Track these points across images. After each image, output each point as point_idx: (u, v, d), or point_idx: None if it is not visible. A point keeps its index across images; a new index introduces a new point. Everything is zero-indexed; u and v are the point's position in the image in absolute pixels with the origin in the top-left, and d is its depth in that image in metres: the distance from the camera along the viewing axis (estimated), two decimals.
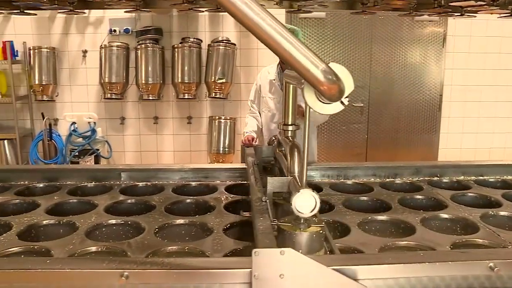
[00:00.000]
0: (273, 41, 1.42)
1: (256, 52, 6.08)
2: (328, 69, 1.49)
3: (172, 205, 2.54)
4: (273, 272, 1.53)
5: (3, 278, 1.63)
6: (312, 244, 1.72)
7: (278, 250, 1.54)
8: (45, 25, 6.09)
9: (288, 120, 2.38)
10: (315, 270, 1.53)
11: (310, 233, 1.72)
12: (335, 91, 1.53)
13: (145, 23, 5.98)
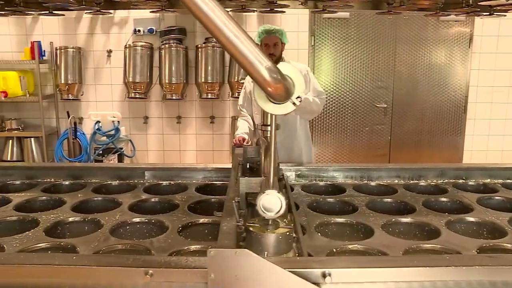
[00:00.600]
0: (222, 36, 1.38)
1: None
2: (274, 68, 1.44)
3: (195, 204, 2.56)
4: (229, 273, 1.53)
5: (31, 273, 1.67)
6: (280, 246, 1.71)
7: (233, 250, 1.54)
8: (71, 26, 6.18)
9: (266, 121, 2.32)
10: (270, 271, 1.51)
11: (277, 234, 1.70)
12: (281, 91, 1.48)
13: (169, 23, 6.02)
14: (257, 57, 1.41)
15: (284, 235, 1.71)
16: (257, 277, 1.52)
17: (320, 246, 2.02)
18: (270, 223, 1.74)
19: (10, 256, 1.85)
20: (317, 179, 3.04)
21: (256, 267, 1.52)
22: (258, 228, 1.74)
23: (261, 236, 1.70)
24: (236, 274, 1.52)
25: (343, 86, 6.29)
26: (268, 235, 1.70)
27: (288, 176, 3.03)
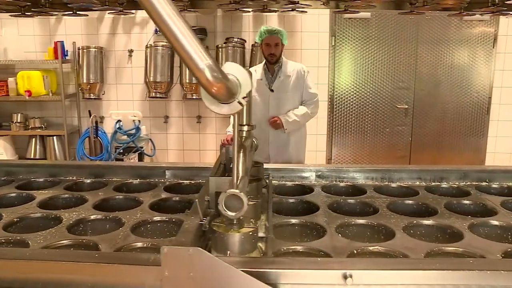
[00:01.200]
0: (167, 30, 1.32)
1: (300, 53, 6.06)
2: (215, 67, 1.39)
3: None
4: (183, 271, 1.52)
5: (55, 269, 1.69)
6: (243, 246, 1.73)
7: (187, 249, 1.53)
8: (93, 26, 6.25)
9: (242, 120, 2.35)
10: (223, 271, 1.51)
11: (239, 234, 1.73)
12: (222, 90, 1.42)
13: (189, 23, 6.03)
14: (198, 54, 1.36)
15: (246, 235, 1.74)
16: (210, 275, 1.52)
17: (341, 247, 2.01)
18: (235, 223, 1.76)
19: (34, 252, 1.87)
20: (337, 180, 3.02)
21: (209, 266, 1.52)
22: (222, 228, 1.77)
23: (224, 235, 1.73)
24: (190, 272, 1.52)
25: (363, 86, 6.25)
26: (231, 234, 1.73)
27: (308, 177, 3.02)
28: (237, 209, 1.67)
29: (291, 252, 2.00)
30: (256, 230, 1.79)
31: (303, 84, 4.24)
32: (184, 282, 1.53)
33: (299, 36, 6.05)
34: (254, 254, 1.78)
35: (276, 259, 1.81)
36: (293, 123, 4.17)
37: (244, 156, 1.97)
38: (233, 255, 1.71)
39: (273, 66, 4.24)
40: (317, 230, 2.25)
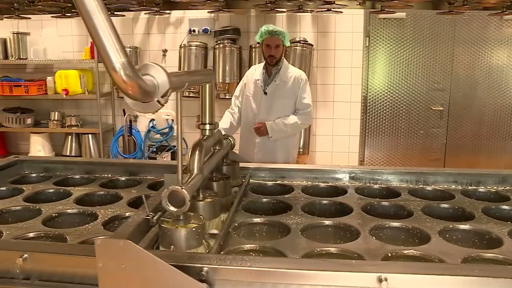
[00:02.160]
0: (89, 22, 1.35)
1: (333, 53, 6.03)
2: (128, 66, 1.38)
3: (249, 204, 2.57)
4: (115, 262, 1.56)
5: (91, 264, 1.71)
6: (187, 241, 1.77)
7: (119, 241, 1.56)
8: (129, 26, 6.35)
9: (205, 119, 2.38)
10: (152, 263, 1.54)
11: (182, 229, 1.77)
12: (135, 89, 1.42)
13: (223, 23, 6.09)
14: (114, 52, 1.36)
15: (190, 231, 1.78)
16: (140, 268, 1.55)
17: (375, 250, 1.98)
18: (181, 219, 1.82)
19: (72, 247, 1.91)
20: (371, 182, 2.99)
21: (138, 258, 1.55)
22: (168, 223, 1.82)
23: (168, 230, 1.78)
24: (122, 264, 1.56)
25: (397, 88, 6.16)
26: (174, 230, 1.78)
27: (342, 178, 3.00)
28: (180, 205, 1.72)
29: (324, 253, 1.98)
30: (200, 226, 1.82)
31: (298, 92, 4.08)
32: (116, 273, 1.56)
33: (333, 36, 6.01)
34: (199, 249, 1.82)
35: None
36: (279, 131, 4.05)
37: (199, 154, 2.04)
38: (177, 250, 1.76)
39: (271, 68, 4.11)
40: (351, 232, 2.23)
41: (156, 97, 1.52)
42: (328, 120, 6.18)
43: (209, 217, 2.10)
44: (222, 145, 2.61)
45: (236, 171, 2.77)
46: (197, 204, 2.09)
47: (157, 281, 1.54)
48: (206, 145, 2.24)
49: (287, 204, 2.56)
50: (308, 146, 6.04)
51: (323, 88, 6.10)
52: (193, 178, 1.93)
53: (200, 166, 2.03)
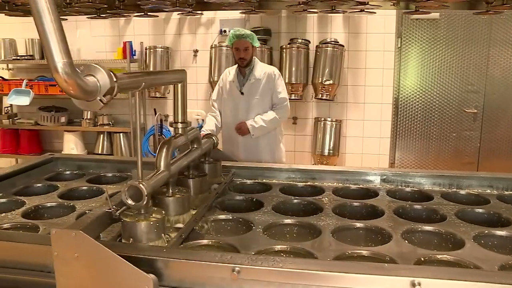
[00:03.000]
0: (38, 21, 1.40)
1: (365, 54, 5.97)
2: (69, 66, 1.45)
3: (279, 204, 2.57)
4: (69, 252, 1.66)
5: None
6: (145, 234, 1.87)
7: (72, 232, 1.66)
8: (160, 26, 6.42)
9: (177, 118, 2.46)
10: (102, 253, 1.62)
11: (140, 223, 1.86)
12: (75, 88, 1.49)
13: (254, 24, 6.09)
14: (57, 52, 1.42)
15: (148, 225, 1.87)
16: (91, 257, 1.65)
17: (407, 253, 1.96)
18: (143, 213, 1.92)
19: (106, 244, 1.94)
20: (403, 184, 2.95)
21: (90, 249, 1.64)
22: (129, 217, 1.91)
23: (127, 223, 1.88)
24: (75, 253, 1.65)
25: (430, 89, 6.07)
26: (133, 223, 1.88)
27: (373, 181, 2.97)
28: (138, 199, 1.85)
29: (355, 256, 1.96)
30: (159, 220, 1.91)
31: (273, 88, 4.19)
32: (70, 262, 1.66)
33: (364, 37, 5.95)
34: (158, 243, 1.90)
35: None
36: (260, 128, 4.15)
37: (166, 152, 2.17)
38: (136, 242, 1.86)
39: (245, 69, 4.21)
40: (382, 235, 2.20)
41: (99, 96, 1.60)
42: (358, 121, 6.13)
43: (178, 212, 2.20)
44: (200, 143, 2.68)
45: (218, 169, 2.88)
46: (166, 199, 2.19)
47: (106, 270, 1.63)
48: (176, 143, 2.37)
49: (317, 206, 2.55)
50: (338, 148, 6.00)
51: (353, 89, 6.05)
52: (156, 174, 2.05)
53: (166, 163, 2.15)
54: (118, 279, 1.62)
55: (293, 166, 3.08)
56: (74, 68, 1.48)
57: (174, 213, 2.19)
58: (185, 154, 2.53)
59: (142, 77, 1.99)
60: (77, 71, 1.50)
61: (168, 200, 2.19)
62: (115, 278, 1.63)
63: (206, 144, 2.82)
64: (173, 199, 2.20)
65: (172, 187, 2.26)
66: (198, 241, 2.04)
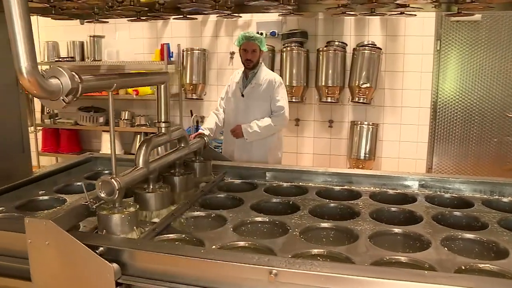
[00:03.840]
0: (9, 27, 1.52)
1: (402, 57, 5.88)
2: (32, 69, 1.58)
3: (316, 208, 2.55)
4: (41, 240, 1.81)
5: (162, 261, 1.77)
6: (119, 226, 2.00)
7: (42, 221, 1.82)
8: (197, 28, 6.49)
9: (161, 118, 2.58)
10: (70, 243, 1.77)
11: (115, 215, 2.00)
12: (36, 88, 1.63)
13: (291, 26, 6.09)
14: (23, 55, 1.55)
15: (120, 217, 2.00)
16: (60, 245, 1.80)
17: (447, 261, 1.91)
18: (117, 206, 2.06)
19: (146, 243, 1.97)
20: (441, 190, 2.89)
21: (59, 238, 1.79)
22: (104, 210, 2.05)
23: (101, 216, 2.03)
24: (46, 241, 1.81)
25: (470, 93, 5.93)
26: (107, 216, 2.01)
27: (411, 186, 2.92)
28: (110, 193, 2.01)
29: (393, 262, 1.93)
30: (132, 214, 2.04)
31: (272, 95, 4.21)
32: (42, 249, 1.82)
33: (402, 40, 5.86)
34: (131, 235, 2.02)
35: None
36: (253, 133, 4.17)
37: (145, 149, 2.33)
38: (109, 234, 2.00)
39: (249, 72, 4.27)
40: (421, 242, 2.16)
41: (61, 96, 1.75)
42: (395, 125, 6.04)
43: (157, 207, 2.35)
44: (187, 143, 2.83)
45: (208, 168, 3.02)
46: (146, 195, 2.35)
47: (73, 258, 1.79)
48: (157, 141, 2.51)
49: (354, 210, 2.52)
50: (374, 152, 5.93)
51: (391, 92, 5.97)
52: (133, 171, 2.21)
53: (145, 160, 2.30)
54: (84, 266, 1.78)
55: (330, 170, 3.06)
56: (37, 70, 1.62)
57: (154, 208, 2.34)
58: (169, 152, 2.70)
59: (114, 79, 2.16)
60: (40, 73, 1.64)
61: (147, 196, 2.34)
62: (81, 266, 1.78)
63: (196, 144, 2.99)
64: (151, 195, 2.35)
65: (152, 184, 2.40)
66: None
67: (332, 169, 3.09)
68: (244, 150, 4.27)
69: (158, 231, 2.15)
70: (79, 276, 1.81)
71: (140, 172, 2.25)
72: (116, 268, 1.75)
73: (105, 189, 2.03)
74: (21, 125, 3.11)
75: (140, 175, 2.25)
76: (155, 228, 2.15)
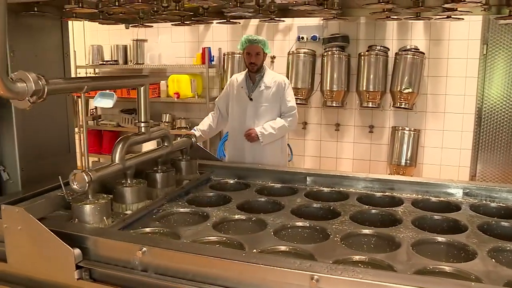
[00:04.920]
0: None
1: (446, 62, 5.75)
2: None
3: (357, 214, 2.53)
4: (15, 224, 2.04)
5: (203, 263, 1.79)
6: (88, 216, 2.21)
7: (15, 208, 2.06)
8: (238, 32, 6.52)
9: (140, 118, 2.77)
10: (36, 228, 1.99)
11: (85, 206, 2.21)
12: (4, 90, 1.85)
13: (332, 31, 6.05)
14: None
15: (89, 208, 2.21)
16: (30, 230, 2.02)
17: (495, 273, 1.85)
18: (90, 198, 2.26)
19: (186, 245, 2.00)
20: (487, 199, 2.80)
21: (29, 223, 2.01)
22: (77, 201, 2.26)
23: (73, 206, 2.25)
24: (19, 226, 2.03)
25: None
26: (78, 206, 2.22)
27: (455, 194, 2.85)
28: (82, 185, 2.21)
29: (437, 271, 1.89)
30: (101, 205, 2.25)
31: (282, 97, 4.19)
32: (16, 233, 2.05)
33: (446, 44, 5.73)
34: (101, 224, 2.23)
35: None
36: (269, 135, 4.13)
37: (121, 147, 2.50)
38: (80, 223, 2.21)
39: (254, 75, 4.20)
40: (466, 252, 2.11)
41: (27, 97, 1.96)
42: (437, 131, 5.91)
43: (132, 201, 2.54)
44: (171, 142, 3.03)
45: (194, 166, 3.22)
46: (122, 189, 2.54)
47: (41, 242, 2.00)
48: (135, 140, 2.69)
49: (396, 218, 2.48)
50: (416, 158, 5.82)
51: (433, 98, 5.85)
52: (107, 166, 2.42)
53: (121, 157, 2.49)
54: (49, 249, 1.99)
55: (371, 176, 3.02)
56: (5, 74, 1.85)
57: (130, 201, 2.53)
58: (150, 150, 2.91)
59: (85, 82, 2.38)
60: (7, 77, 1.88)
61: (123, 190, 2.54)
62: (47, 249, 1.99)
63: (181, 143, 3.21)
64: (127, 189, 2.54)
65: (130, 179, 2.61)
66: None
67: (373, 175, 3.04)
68: (255, 155, 4.22)
69: (128, 222, 2.34)
70: (46, 258, 2.01)
71: (114, 168, 2.45)
72: (77, 252, 1.95)
73: (77, 181, 2.22)
74: (67, 126, 3.20)
75: (114, 170, 2.45)
76: (125, 219, 2.34)
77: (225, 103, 4.35)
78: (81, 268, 1.96)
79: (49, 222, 2.10)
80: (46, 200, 2.38)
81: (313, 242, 2.19)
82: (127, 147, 2.55)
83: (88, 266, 1.97)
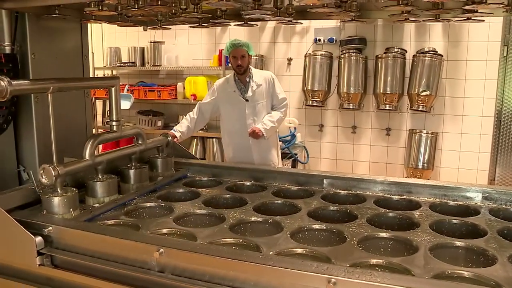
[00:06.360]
0: None
1: (465, 64, 5.70)
2: None
3: (374, 217, 2.51)
4: None
5: (220, 265, 1.79)
6: (55, 207, 2.35)
7: None
8: (255, 35, 6.54)
9: (112, 117, 2.90)
10: (3, 217, 2.14)
11: (52, 198, 2.34)
12: None
13: (349, 33, 6.03)
14: None
15: (56, 200, 2.34)
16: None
17: None
18: (59, 191, 2.39)
19: (203, 247, 2.00)
20: (507, 203, 2.76)
21: None
22: (46, 193, 2.40)
23: (42, 198, 2.39)
24: None
25: None
26: (45, 198, 2.36)
27: (473, 198, 2.81)
28: (50, 179, 2.34)
29: (455, 276, 1.87)
30: (68, 198, 2.38)
31: (273, 91, 4.48)
32: None
33: (465, 46, 5.68)
34: (67, 215, 2.37)
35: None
36: (271, 129, 4.40)
37: (92, 144, 2.63)
38: (48, 214, 2.35)
39: (244, 77, 4.40)
40: (485, 257, 2.08)
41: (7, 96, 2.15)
42: (456, 134, 5.85)
43: (103, 194, 2.69)
44: (144, 140, 3.16)
45: (169, 164, 3.39)
46: (92, 183, 2.69)
47: (7, 229, 2.15)
48: (105, 137, 2.86)
49: (414, 222, 2.46)
50: (433, 161, 5.77)
51: (452, 100, 5.80)
52: (76, 162, 2.57)
53: (91, 153, 2.62)
54: (14, 237, 2.14)
55: (389, 179, 3.00)
56: None
57: (99, 195, 2.68)
58: (123, 148, 3.07)
59: (51, 83, 2.46)
60: None
61: (93, 184, 2.68)
62: (12, 236, 2.15)
63: (155, 142, 3.35)
64: (97, 183, 2.68)
65: (101, 174, 2.74)
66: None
67: (390, 178, 3.02)
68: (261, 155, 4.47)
69: (95, 214, 2.47)
70: (12, 245, 2.18)
71: (83, 163, 2.60)
72: (39, 240, 2.11)
73: (46, 175, 2.35)
74: (86, 127, 3.24)
75: (83, 166, 2.59)
76: (92, 211, 2.48)
77: (210, 108, 4.54)
78: (42, 255, 2.11)
79: (18, 213, 2.32)
80: (17, 192, 2.53)
81: (329, 245, 2.18)
82: (97, 144, 2.69)
83: (49, 253, 2.12)
